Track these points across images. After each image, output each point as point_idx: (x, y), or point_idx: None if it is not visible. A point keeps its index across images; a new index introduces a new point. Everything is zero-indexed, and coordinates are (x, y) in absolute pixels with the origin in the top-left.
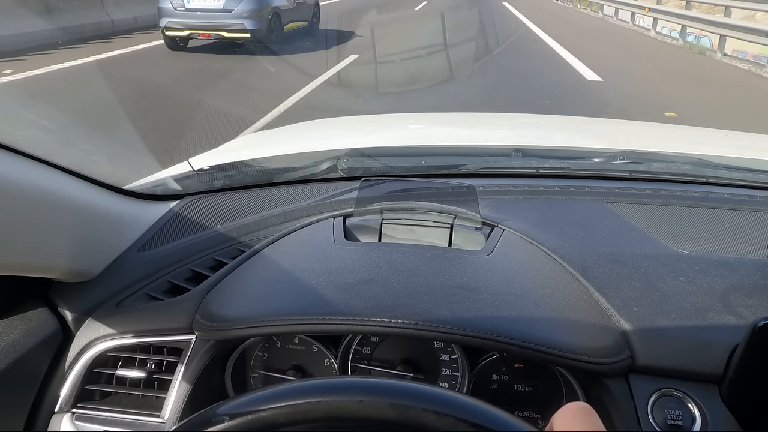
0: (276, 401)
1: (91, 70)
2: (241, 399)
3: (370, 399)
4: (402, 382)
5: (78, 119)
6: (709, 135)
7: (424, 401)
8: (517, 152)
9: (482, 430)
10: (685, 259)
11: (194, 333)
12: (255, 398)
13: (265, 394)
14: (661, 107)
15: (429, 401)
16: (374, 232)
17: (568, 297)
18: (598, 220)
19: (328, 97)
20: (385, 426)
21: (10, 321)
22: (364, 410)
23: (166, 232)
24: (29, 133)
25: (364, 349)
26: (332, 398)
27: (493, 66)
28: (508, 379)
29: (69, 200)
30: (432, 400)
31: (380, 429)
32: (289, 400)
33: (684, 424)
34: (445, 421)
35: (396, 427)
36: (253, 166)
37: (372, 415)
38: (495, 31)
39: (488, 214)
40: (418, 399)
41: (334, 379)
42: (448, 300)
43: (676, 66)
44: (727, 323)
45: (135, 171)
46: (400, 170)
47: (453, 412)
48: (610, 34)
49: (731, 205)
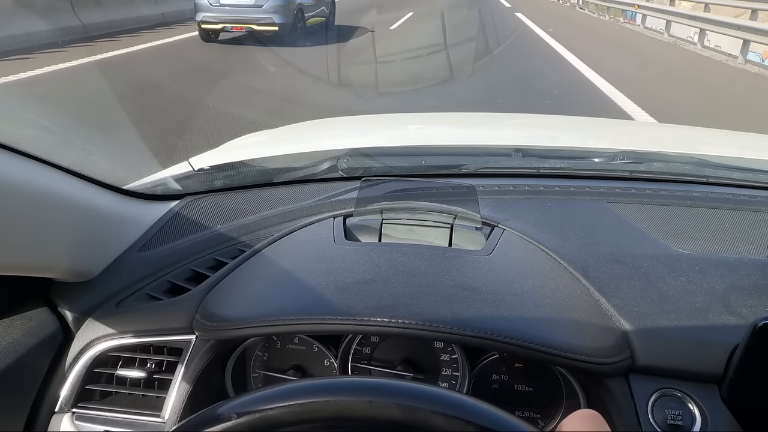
0: (284, 400)
1: (158, 52)
2: (248, 397)
3: (379, 400)
4: (411, 384)
5: (169, 83)
6: (709, 135)
7: (432, 403)
8: (517, 152)
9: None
10: (685, 259)
11: (194, 333)
12: (262, 396)
13: (272, 393)
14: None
15: (437, 403)
16: (374, 232)
17: (569, 297)
18: (599, 220)
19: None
20: (393, 427)
21: (11, 321)
22: (373, 411)
23: (167, 232)
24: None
25: (365, 349)
26: (341, 398)
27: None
28: (509, 379)
29: (69, 200)
30: (440, 402)
31: (387, 430)
32: (298, 399)
33: (684, 424)
34: (453, 423)
35: (403, 428)
36: (253, 166)
37: (380, 416)
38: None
39: (488, 214)
40: (426, 401)
41: (343, 378)
42: (448, 300)
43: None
44: (727, 323)
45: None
46: (401, 170)
47: (461, 414)
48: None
49: (731, 205)
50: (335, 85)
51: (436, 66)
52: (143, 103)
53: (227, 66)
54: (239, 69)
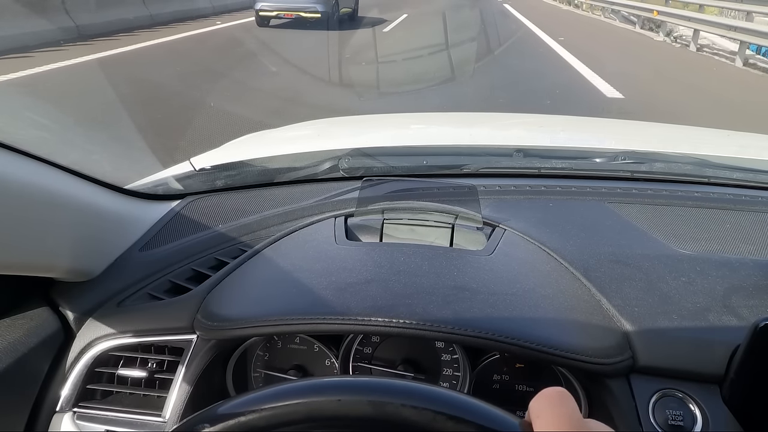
0: (254, 405)
1: (231, 31)
2: (223, 405)
3: (348, 398)
4: (379, 379)
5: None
6: (710, 135)
7: (400, 396)
8: (518, 152)
9: (460, 421)
10: (686, 259)
11: (195, 332)
12: (235, 404)
13: (243, 400)
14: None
15: (405, 396)
16: (375, 231)
17: (570, 297)
18: (600, 220)
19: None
20: (366, 423)
21: (12, 320)
22: (343, 409)
23: (168, 232)
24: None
25: (366, 349)
26: (310, 399)
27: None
28: (510, 379)
29: (71, 200)
30: (408, 394)
31: (364, 427)
32: (267, 404)
33: (685, 425)
34: (424, 414)
35: (377, 423)
36: (254, 165)
37: (351, 414)
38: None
39: (490, 214)
40: (394, 394)
41: (312, 380)
42: (449, 300)
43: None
44: (728, 324)
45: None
46: (402, 170)
47: (430, 405)
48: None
49: (732, 205)
50: (361, 49)
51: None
52: (248, 53)
53: (287, 38)
54: (302, 40)
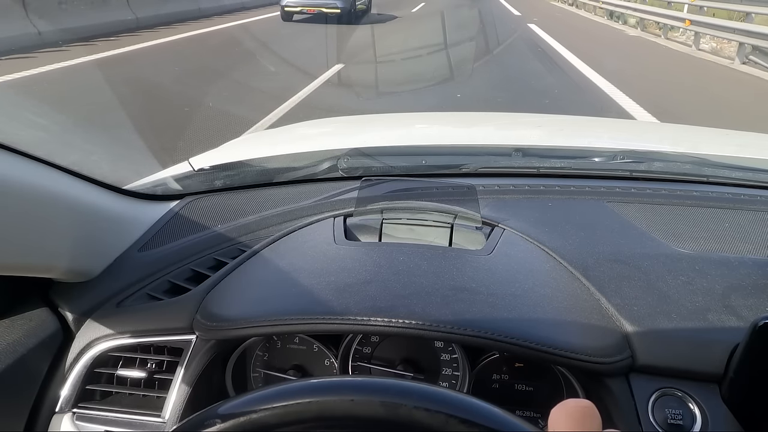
0: (267, 403)
1: (260, 23)
2: (234, 401)
3: (361, 398)
4: (393, 380)
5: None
6: (709, 134)
7: (414, 398)
8: (517, 152)
9: (473, 425)
10: (685, 258)
11: (195, 333)
12: (247, 400)
13: (256, 396)
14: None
15: (419, 398)
16: (375, 231)
17: (569, 296)
18: (599, 219)
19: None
20: (377, 424)
21: (11, 321)
22: (355, 409)
23: (167, 232)
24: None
25: (365, 349)
26: (323, 398)
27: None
28: (509, 379)
29: (69, 200)
30: (422, 397)
31: (374, 427)
32: (281, 401)
33: (684, 424)
34: (437, 417)
35: (388, 425)
36: (253, 165)
37: (363, 414)
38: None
39: (489, 214)
40: (408, 396)
41: (325, 379)
42: (448, 299)
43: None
44: (727, 323)
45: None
46: (401, 170)
47: (444, 408)
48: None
49: (731, 204)
50: (385, 33)
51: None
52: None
53: (309, 31)
54: (326, 31)
